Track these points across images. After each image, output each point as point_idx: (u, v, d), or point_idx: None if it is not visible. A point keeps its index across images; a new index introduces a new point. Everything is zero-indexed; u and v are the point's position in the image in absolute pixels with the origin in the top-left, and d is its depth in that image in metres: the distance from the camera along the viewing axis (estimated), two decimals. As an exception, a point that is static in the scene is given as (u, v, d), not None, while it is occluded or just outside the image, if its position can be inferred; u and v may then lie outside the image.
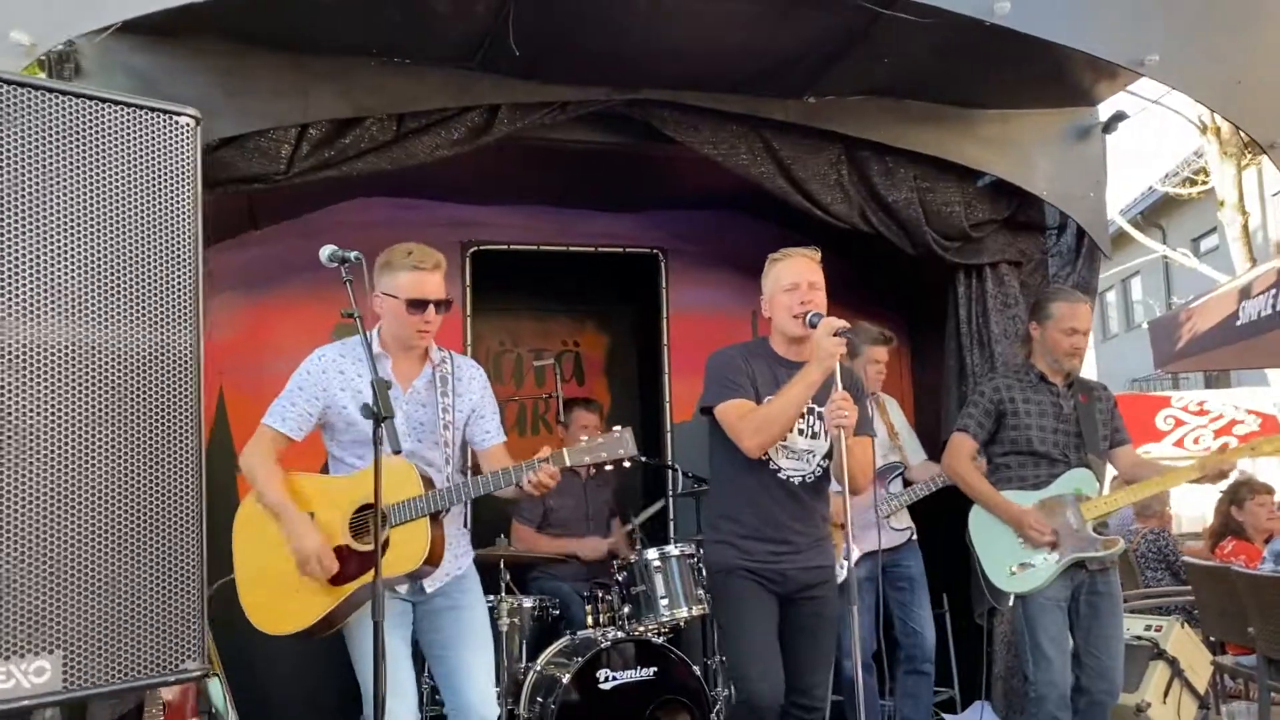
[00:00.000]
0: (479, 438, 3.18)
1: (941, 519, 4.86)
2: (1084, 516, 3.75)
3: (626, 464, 2.99)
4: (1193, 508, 9.94)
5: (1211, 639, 5.06)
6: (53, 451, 1.86)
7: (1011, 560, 3.74)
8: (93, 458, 1.91)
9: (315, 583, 2.90)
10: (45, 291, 1.92)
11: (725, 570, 3.22)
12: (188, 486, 2.00)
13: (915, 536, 4.68)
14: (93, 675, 1.84)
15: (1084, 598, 3.77)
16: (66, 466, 1.88)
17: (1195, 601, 5.29)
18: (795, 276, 3.26)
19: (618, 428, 2.98)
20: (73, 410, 1.90)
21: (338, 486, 2.99)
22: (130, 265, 1.98)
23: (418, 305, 2.96)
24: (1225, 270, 11.24)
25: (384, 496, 2.75)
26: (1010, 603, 3.74)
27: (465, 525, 3.21)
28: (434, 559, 2.90)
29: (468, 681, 2.98)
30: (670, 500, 5.56)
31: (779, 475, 3.24)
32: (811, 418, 3.29)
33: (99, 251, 1.94)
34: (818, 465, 3.31)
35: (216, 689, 3.76)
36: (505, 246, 5.48)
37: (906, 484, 4.74)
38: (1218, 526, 5.83)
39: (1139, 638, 4.44)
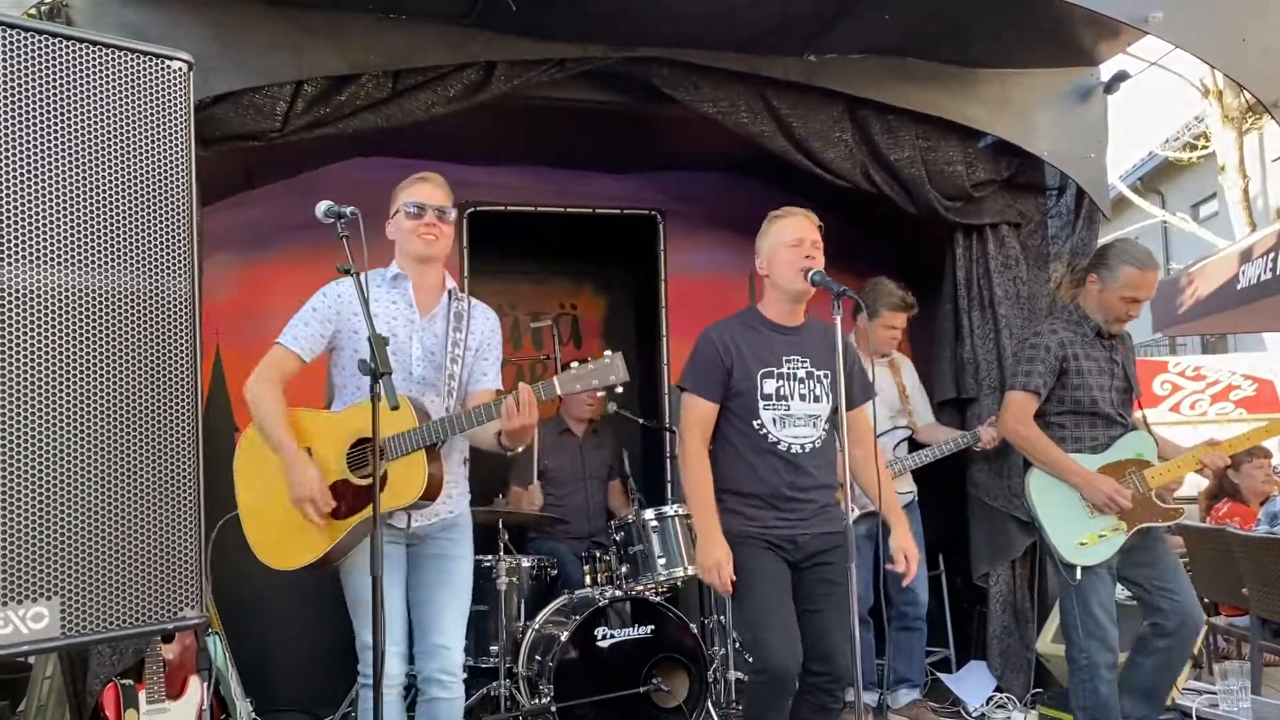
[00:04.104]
0: (475, 377, 3.18)
1: (939, 481, 4.89)
2: (1149, 484, 3.61)
3: (619, 389, 2.94)
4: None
5: (1205, 600, 5.10)
6: (47, 398, 1.85)
7: (1080, 531, 3.55)
8: (88, 405, 1.90)
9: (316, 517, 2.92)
10: (35, 235, 1.90)
11: (735, 538, 3.15)
12: (184, 433, 2.00)
13: (916, 499, 4.70)
14: (91, 622, 1.85)
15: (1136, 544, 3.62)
16: (62, 413, 1.87)
17: (1189, 563, 5.32)
18: (800, 233, 3.22)
19: (608, 352, 2.90)
20: (66, 356, 1.89)
21: (333, 421, 3.01)
22: (124, 210, 1.97)
23: (416, 210, 3.05)
24: (1225, 235, 11.20)
25: (381, 430, 2.79)
26: (1079, 576, 3.52)
27: (465, 463, 3.19)
28: (431, 493, 2.90)
29: (438, 627, 3.02)
30: (668, 462, 5.58)
31: (778, 447, 3.19)
32: (811, 381, 3.25)
33: (92, 196, 1.93)
34: (823, 429, 3.27)
35: (216, 646, 3.79)
36: (503, 208, 5.45)
37: (913, 447, 4.75)
38: (1213, 488, 5.85)
39: (1133, 597, 4.47)
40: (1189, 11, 3.87)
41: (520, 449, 3.02)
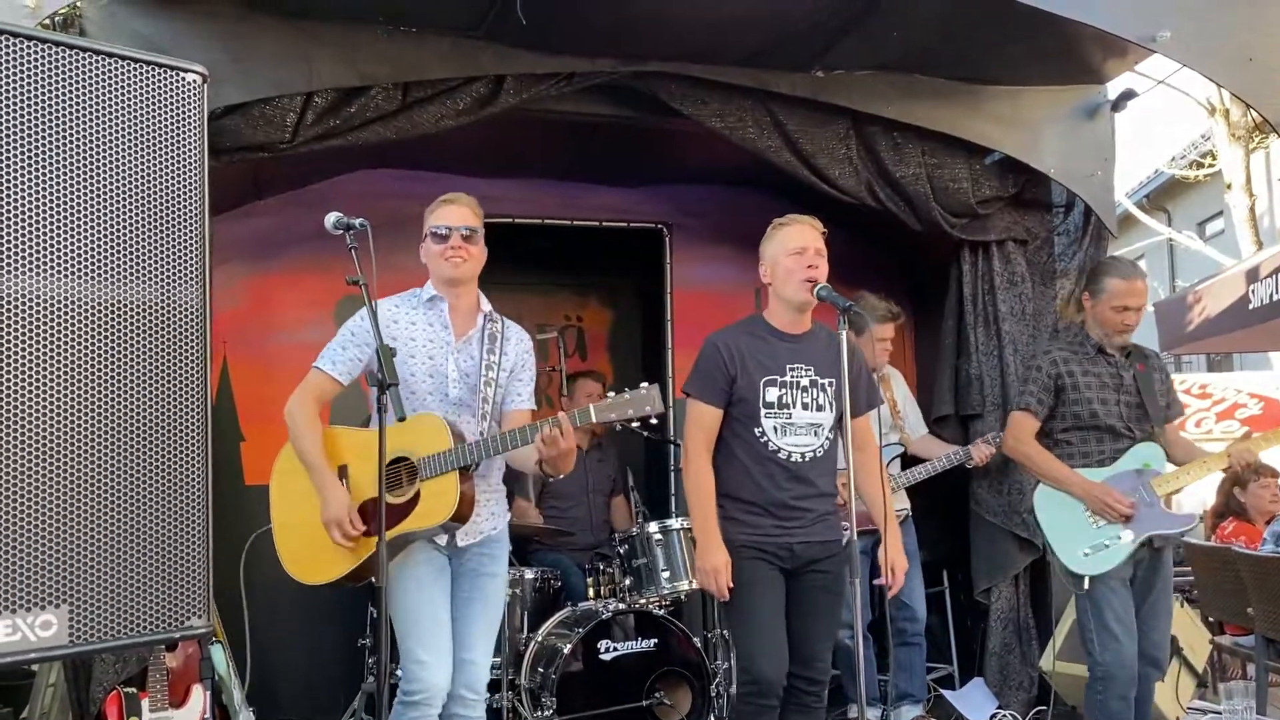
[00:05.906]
0: (510, 398, 3.19)
1: (942, 498, 4.88)
2: (1156, 492, 3.62)
3: (654, 421, 2.94)
4: (1191, 488, 9.93)
5: (1210, 619, 5.08)
6: (59, 407, 1.86)
7: (1085, 541, 3.59)
8: (99, 414, 1.91)
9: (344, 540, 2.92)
10: (49, 244, 1.91)
11: (732, 547, 3.17)
12: (194, 444, 2.01)
13: (910, 515, 4.69)
14: (99, 630, 1.86)
15: (1142, 574, 3.64)
16: (73, 422, 1.88)
17: (1195, 581, 5.31)
18: (802, 241, 3.22)
19: (644, 384, 2.91)
20: (78, 365, 1.90)
21: (370, 439, 2.98)
22: (137, 220, 1.99)
23: (440, 234, 3.09)
24: (1231, 254, 11.20)
25: (416, 449, 2.88)
26: (1086, 586, 3.54)
27: (500, 485, 3.20)
28: (462, 515, 2.91)
29: (467, 643, 3.02)
30: (672, 475, 5.57)
31: (779, 455, 3.20)
32: (815, 390, 3.25)
33: (105, 206, 1.95)
34: (826, 438, 3.27)
35: (219, 655, 3.79)
36: (509, 220, 5.46)
37: (906, 464, 4.74)
38: (1219, 507, 5.83)
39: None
40: (1197, 30, 3.88)
41: (563, 475, 3.03)
